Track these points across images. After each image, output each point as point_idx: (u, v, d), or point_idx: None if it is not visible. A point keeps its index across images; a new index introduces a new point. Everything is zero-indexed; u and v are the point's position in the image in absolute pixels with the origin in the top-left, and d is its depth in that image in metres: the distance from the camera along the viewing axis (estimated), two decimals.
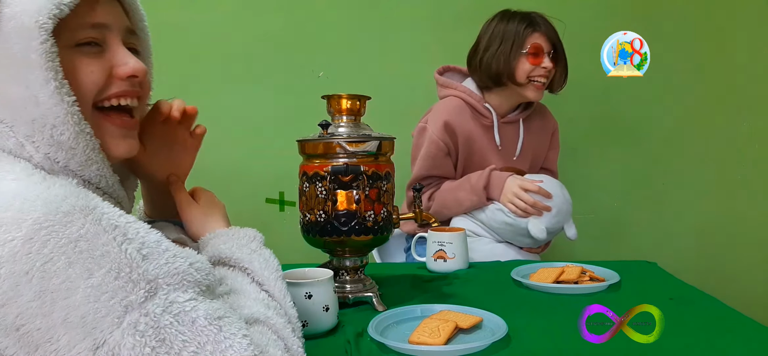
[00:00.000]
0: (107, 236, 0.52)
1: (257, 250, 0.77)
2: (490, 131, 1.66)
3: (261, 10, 2.20)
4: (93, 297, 0.49)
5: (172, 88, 2.38)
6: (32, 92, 0.59)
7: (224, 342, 0.54)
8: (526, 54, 1.59)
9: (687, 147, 2.27)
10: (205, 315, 0.54)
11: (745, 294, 2.13)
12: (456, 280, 1.27)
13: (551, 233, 1.54)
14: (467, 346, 0.83)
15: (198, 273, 0.57)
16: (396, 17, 2.20)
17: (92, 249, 0.50)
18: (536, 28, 1.61)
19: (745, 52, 2.25)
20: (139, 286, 0.51)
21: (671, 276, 1.28)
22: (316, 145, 1.05)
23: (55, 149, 0.61)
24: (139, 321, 0.50)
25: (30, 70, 0.58)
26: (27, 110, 0.59)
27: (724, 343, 0.88)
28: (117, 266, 0.51)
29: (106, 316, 0.49)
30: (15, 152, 0.60)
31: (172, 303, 0.53)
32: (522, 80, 1.61)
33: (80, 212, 0.52)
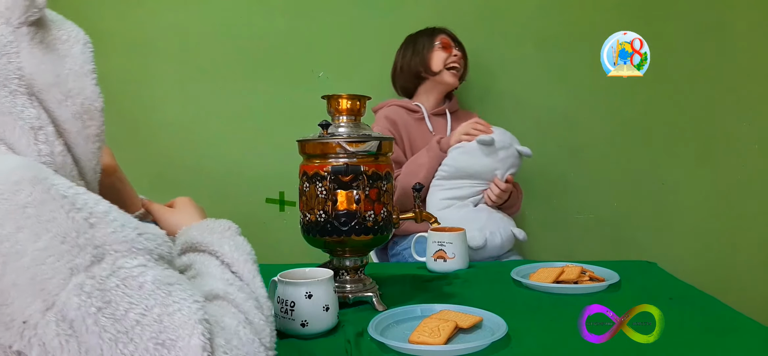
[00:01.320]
0: (55, 204, 0.53)
1: (228, 235, 0.77)
2: (422, 122, 1.95)
3: (261, 11, 2.20)
4: (40, 259, 0.51)
5: (173, 88, 2.40)
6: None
7: (173, 306, 0.55)
8: (437, 47, 1.92)
9: (687, 147, 2.27)
10: (154, 280, 0.55)
11: (745, 294, 2.13)
12: (456, 280, 1.27)
13: (500, 144, 1.70)
14: (467, 346, 0.83)
15: (148, 241, 0.58)
16: (396, 17, 2.20)
17: (39, 215, 0.52)
18: (440, 31, 1.96)
19: (745, 52, 2.24)
20: (86, 251, 0.53)
21: (671, 276, 1.28)
22: (316, 145, 1.05)
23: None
24: (85, 283, 0.52)
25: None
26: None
27: (724, 343, 0.88)
28: (63, 231, 0.53)
29: (53, 278, 0.51)
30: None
31: (120, 268, 0.54)
32: (438, 68, 1.92)
33: (29, 181, 0.53)
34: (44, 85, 0.62)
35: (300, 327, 0.92)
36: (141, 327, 0.53)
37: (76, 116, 0.64)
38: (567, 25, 2.22)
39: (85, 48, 0.68)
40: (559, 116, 2.25)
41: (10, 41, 0.61)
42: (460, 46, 1.97)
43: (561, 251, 2.22)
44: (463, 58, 1.98)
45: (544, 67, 2.23)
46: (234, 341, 0.60)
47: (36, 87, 0.62)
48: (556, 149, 2.25)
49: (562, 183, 2.26)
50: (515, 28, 2.23)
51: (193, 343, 0.54)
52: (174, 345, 0.54)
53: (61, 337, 0.51)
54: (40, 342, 0.51)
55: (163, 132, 2.24)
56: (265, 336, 0.66)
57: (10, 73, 0.61)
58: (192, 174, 2.22)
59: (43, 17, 0.64)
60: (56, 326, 0.51)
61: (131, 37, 2.20)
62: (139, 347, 0.53)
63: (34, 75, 0.62)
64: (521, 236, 1.72)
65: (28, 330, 0.51)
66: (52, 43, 0.64)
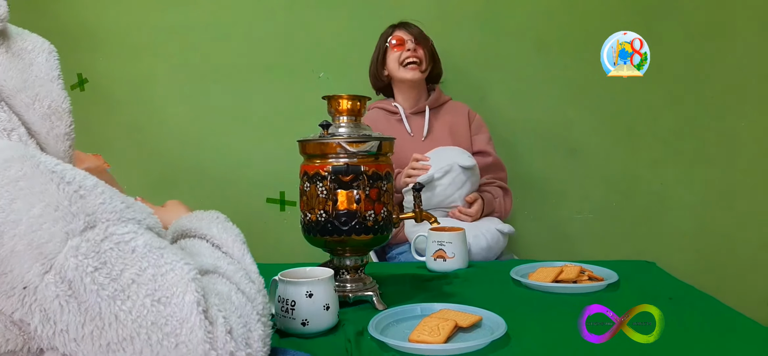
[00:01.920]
0: (45, 177, 0.56)
1: (217, 222, 0.78)
2: (401, 123, 1.93)
3: (262, 11, 2.20)
4: (36, 225, 0.53)
5: (173, 88, 2.40)
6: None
7: (165, 266, 0.57)
8: (389, 47, 1.92)
9: (687, 147, 2.27)
10: (144, 244, 0.58)
11: (745, 294, 2.13)
12: (456, 279, 1.27)
13: (440, 173, 1.70)
14: (467, 345, 0.83)
15: (136, 213, 0.61)
16: (396, 18, 2.20)
17: (32, 187, 0.55)
18: (396, 28, 1.95)
19: (744, 52, 2.25)
20: (79, 218, 0.55)
21: (671, 276, 1.28)
22: (316, 145, 1.06)
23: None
24: (81, 245, 0.54)
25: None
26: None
27: (724, 343, 0.88)
28: (55, 200, 0.55)
29: (49, 241, 0.53)
30: None
31: (112, 234, 0.57)
32: (394, 69, 1.91)
33: (18, 159, 0.56)
34: (12, 91, 0.64)
35: (300, 326, 0.92)
36: (137, 285, 0.56)
37: (44, 117, 0.66)
38: (567, 26, 2.23)
39: (49, 56, 0.70)
40: (558, 116, 2.25)
41: None
42: (417, 38, 1.91)
43: (561, 251, 2.22)
44: (424, 48, 1.91)
45: (543, 67, 2.24)
46: (227, 303, 0.62)
47: (4, 93, 0.64)
48: (556, 149, 2.25)
49: (562, 183, 2.26)
50: (515, 28, 2.23)
51: (187, 299, 0.57)
52: (169, 302, 0.56)
53: (60, 298, 0.53)
54: (40, 307, 0.53)
55: (163, 132, 2.24)
56: (257, 303, 0.67)
57: None
58: (192, 174, 2.22)
59: (6, 30, 0.67)
60: (55, 287, 0.53)
61: (132, 37, 2.20)
62: (136, 304, 0.55)
63: (1, 82, 0.64)
64: (507, 229, 1.68)
65: (29, 295, 0.53)
66: (17, 53, 0.67)
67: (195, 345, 0.56)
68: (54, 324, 0.54)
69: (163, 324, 0.56)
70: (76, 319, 0.54)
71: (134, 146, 2.21)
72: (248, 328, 0.62)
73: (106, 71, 2.20)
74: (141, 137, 2.22)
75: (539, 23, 2.23)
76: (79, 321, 0.54)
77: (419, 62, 1.89)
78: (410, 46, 1.89)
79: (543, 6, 2.23)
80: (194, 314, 0.56)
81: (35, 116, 0.66)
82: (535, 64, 2.24)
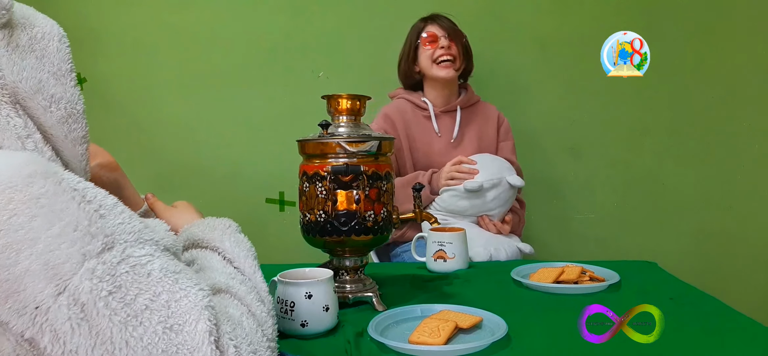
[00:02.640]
0: (67, 195, 0.55)
1: (229, 233, 0.78)
2: (429, 120, 1.86)
3: (261, 11, 2.20)
4: (53, 245, 0.53)
5: (173, 88, 2.39)
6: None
7: (179, 293, 0.57)
8: (422, 43, 1.84)
9: (687, 147, 2.27)
10: (161, 268, 0.57)
11: (745, 294, 2.13)
12: (456, 280, 1.27)
13: (489, 184, 1.68)
14: (467, 346, 0.83)
15: (154, 233, 0.61)
16: (396, 17, 2.20)
17: (52, 205, 0.54)
18: (430, 22, 1.86)
19: (745, 52, 2.24)
20: (97, 239, 0.55)
21: (671, 276, 1.28)
22: (316, 145, 1.05)
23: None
24: (97, 268, 0.54)
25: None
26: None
27: (724, 343, 0.88)
28: (75, 220, 0.54)
29: (66, 262, 0.53)
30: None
31: (129, 256, 0.56)
32: (426, 65, 1.83)
33: (41, 175, 0.55)
34: (28, 94, 0.63)
35: (300, 327, 0.92)
36: (150, 311, 0.55)
37: (61, 121, 0.65)
38: (567, 25, 2.22)
39: (61, 44, 0.67)
40: (559, 116, 2.25)
41: None
42: (451, 34, 1.82)
43: (561, 251, 2.22)
44: (458, 46, 1.83)
45: (544, 67, 2.23)
46: (238, 329, 0.62)
47: (20, 95, 0.62)
48: (556, 149, 2.25)
49: (562, 183, 2.26)
50: (515, 28, 2.23)
51: (200, 328, 0.56)
52: (182, 330, 0.55)
53: (72, 321, 0.53)
54: (51, 327, 0.53)
55: (163, 132, 2.24)
56: (267, 327, 0.67)
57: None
58: (192, 174, 2.22)
59: (13, 18, 0.63)
60: (68, 310, 0.53)
61: (132, 38, 2.20)
62: (148, 330, 0.54)
63: (16, 83, 0.62)
64: (527, 249, 1.69)
65: (40, 315, 0.52)
66: (28, 45, 0.64)
67: None
68: (63, 345, 0.53)
69: (173, 352, 0.55)
70: (86, 342, 0.53)
71: (134, 146, 2.20)
72: (257, 355, 0.62)
73: (106, 71, 2.19)
74: (141, 137, 2.22)
75: (539, 23, 2.23)
76: (89, 344, 0.53)
77: (453, 60, 1.81)
78: (444, 43, 1.80)
79: (543, 6, 2.23)
80: (206, 343, 0.56)
81: (52, 119, 0.65)
82: (535, 63, 2.24)
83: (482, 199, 1.69)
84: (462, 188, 1.67)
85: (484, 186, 1.66)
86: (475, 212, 1.72)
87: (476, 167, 1.70)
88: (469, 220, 1.74)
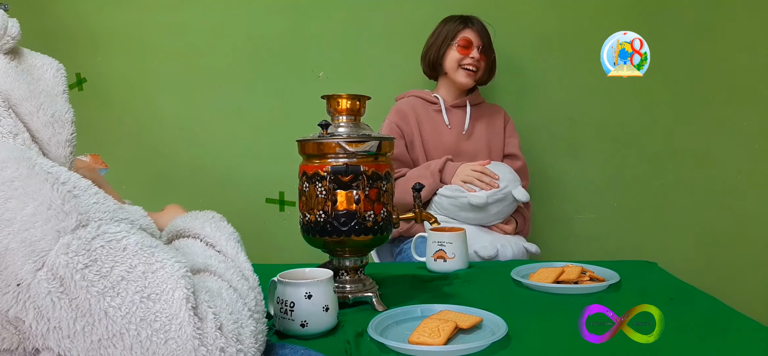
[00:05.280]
0: (40, 177, 0.58)
1: (210, 220, 0.79)
2: (440, 114, 1.91)
3: (261, 11, 2.20)
4: (29, 223, 0.55)
5: (173, 88, 2.39)
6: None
7: (156, 264, 0.59)
8: (455, 45, 1.86)
9: (687, 147, 2.27)
10: (136, 242, 0.60)
11: (745, 294, 2.13)
12: (456, 280, 1.27)
13: (493, 200, 1.67)
14: (467, 346, 0.83)
15: (129, 214, 0.63)
16: (396, 17, 2.20)
17: (26, 187, 0.57)
18: (468, 26, 1.88)
19: (745, 52, 2.24)
20: (71, 216, 0.57)
21: (671, 276, 1.28)
22: (315, 145, 1.05)
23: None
24: (72, 243, 0.56)
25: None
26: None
27: (724, 343, 0.88)
28: (48, 199, 0.57)
29: (42, 239, 0.55)
30: None
31: (104, 232, 0.58)
32: (451, 66, 1.87)
33: (14, 160, 0.58)
34: (19, 99, 0.68)
35: (300, 327, 0.92)
36: (126, 281, 0.57)
37: (47, 124, 0.69)
38: (567, 25, 2.22)
39: (57, 73, 0.74)
40: (559, 116, 2.25)
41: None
42: (484, 46, 1.88)
43: (561, 251, 2.22)
44: (485, 59, 1.89)
45: (544, 67, 2.23)
46: (217, 300, 0.63)
47: (12, 100, 0.67)
48: (556, 149, 2.25)
49: (562, 183, 2.26)
50: (515, 28, 2.22)
51: (176, 295, 0.58)
52: (159, 298, 0.58)
53: (52, 294, 0.55)
54: (34, 304, 0.55)
55: (163, 132, 2.24)
56: (249, 300, 0.68)
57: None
58: (192, 174, 2.22)
59: (18, 49, 0.72)
60: (47, 284, 0.55)
61: (131, 37, 2.20)
62: (125, 300, 0.57)
63: (9, 91, 0.67)
64: (534, 249, 1.70)
65: (22, 292, 0.55)
66: (26, 68, 0.71)
67: (184, 341, 0.57)
68: (47, 321, 0.55)
69: (152, 320, 0.57)
70: (68, 315, 0.56)
71: (133, 146, 2.20)
72: (239, 324, 0.63)
73: (106, 71, 2.19)
74: (140, 137, 2.22)
75: (539, 23, 2.23)
76: (71, 317, 0.56)
77: (477, 71, 1.88)
78: (475, 54, 1.85)
79: (543, 6, 2.23)
80: (183, 310, 0.58)
81: (39, 123, 0.69)
82: (535, 63, 2.23)
83: (485, 213, 1.70)
84: (466, 200, 1.66)
85: (488, 201, 1.66)
86: (476, 223, 1.73)
87: (498, 183, 1.69)
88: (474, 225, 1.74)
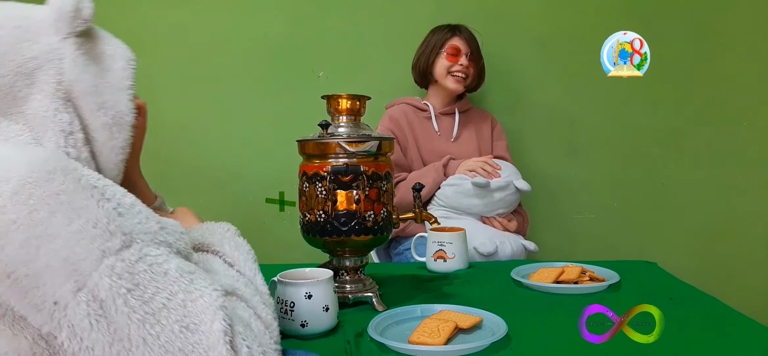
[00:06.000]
0: (86, 193, 0.56)
1: (228, 237, 0.79)
2: (430, 121, 1.95)
3: (261, 11, 2.20)
4: (73, 241, 0.54)
5: (172, 88, 2.39)
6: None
7: (195, 293, 0.58)
8: (444, 53, 1.91)
9: (687, 147, 2.27)
10: (176, 268, 0.59)
11: (746, 294, 2.13)
12: (456, 280, 1.27)
13: (496, 185, 1.71)
14: (467, 346, 0.83)
15: (169, 235, 0.62)
16: (396, 17, 2.20)
17: (72, 202, 0.55)
18: (456, 34, 1.93)
19: (744, 52, 2.24)
20: (116, 236, 0.56)
21: (671, 276, 1.28)
22: (316, 145, 1.05)
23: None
24: (116, 265, 0.55)
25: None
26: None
27: (724, 343, 0.88)
28: (95, 217, 0.55)
29: (86, 259, 0.54)
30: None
31: (146, 255, 0.57)
32: (440, 73, 1.92)
33: (61, 171, 0.56)
34: (81, 93, 0.66)
35: (300, 327, 0.92)
36: (167, 310, 0.56)
37: (106, 126, 0.68)
38: (567, 25, 2.22)
39: (127, 65, 0.72)
40: (559, 116, 2.25)
41: (56, 49, 0.66)
42: (472, 53, 1.92)
43: (561, 251, 2.22)
44: (474, 66, 1.93)
45: (544, 67, 2.23)
46: (248, 331, 0.62)
47: (73, 94, 0.66)
48: (556, 149, 2.25)
49: (562, 183, 2.26)
50: (515, 28, 2.22)
51: (215, 328, 0.57)
52: (197, 329, 0.56)
53: (90, 317, 0.54)
54: (69, 323, 0.53)
55: (162, 132, 2.23)
56: (273, 329, 0.68)
57: (51, 78, 0.65)
58: (192, 174, 2.22)
59: (91, 30, 0.70)
60: (87, 306, 0.53)
61: (131, 37, 2.18)
62: (164, 329, 0.55)
63: (73, 82, 0.66)
64: (532, 247, 1.72)
65: (59, 311, 0.53)
66: (96, 56, 0.69)
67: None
68: (80, 341, 0.54)
69: (189, 351, 0.56)
70: (104, 339, 0.54)
71: None
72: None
73: None
74: None
75: (540, 23, 2.23)
76: (107, 340, 0.54)
77: (466, 77, 1.92)
78: (464, 61, 1.90)
79: (544, 6, 2.23)
80: (221, 343, 0.56)
81: (98, 123, 0.67)
82: (535, 63, 2.23)
83: (488, 198, 1.71)
84: (470, 185, 1.69)
85: (491, 185, 1.69)
86: (479, 211, 1.74)
87: (500, 172, 1.73)
88: (475, 217, 1.75)
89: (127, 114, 0.70)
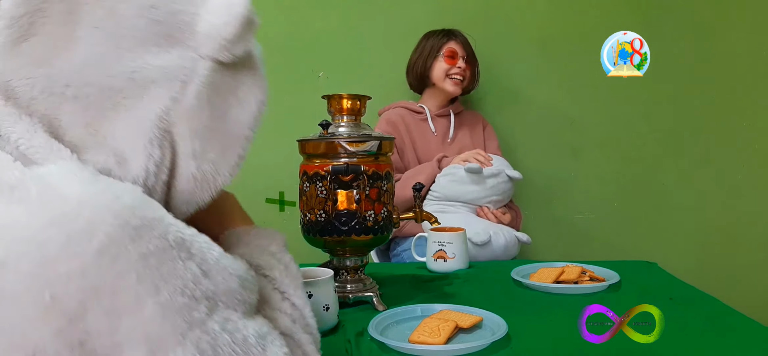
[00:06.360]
0: (173, 252, 0.50)
1: (277, 255, 0.75)
2: (426, 122, 1.99)
3: (261, 11, 2.19)
4: (160, 313, 0.48)
5: None
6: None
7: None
8: (442, 56, 1.95)
9: (687, 147, 2.27)
10: (254, 333, 0.54)
11: (746, 294, 2.13)
12: (456, 280, 1.27)
13: (488, 172, 1.76)
14: (467, 346, 0.83)
15: (247, 292, 0.57)
16: (396, 17, 2.20)
17: (160, 265, 0.49)
18: (452, 38, 1.98)
19: (744, 52, 2.25)
20: (201, 303, 0.50)
21: (671, 276, 1.28)
22: (316, 144, 1.05)
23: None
24: (201, 339, 0.50)
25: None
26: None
27: (724, 343, 0.88)
28: (182, 282, 0.50)
29: (172, 334, 0.48)
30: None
31: (228, 320, 0.52)
32: (438, 76, 1.96)
33: (149, 226, 0.49)
34: (186, 134, 0.57)
35: None
36: None
37: (196, 180, 0.60)
38: (567, 25, 2.22)
39: (256, 113, 0.65)
40: (559, 116, 2.25)
41: (185, 68, 0.56)
42: (468, 56, 1.98)
43: (561, 251, 2.22)
44: (470, 68, 1.99)
45: (544, 67, 2.23)
46: None
47: (177, 126, 0.57)
48: (556, 149, 2.25)
49: (562, 183, 2.26)
50: (515, 28, 2.23)
51: None
52: None
53: None
54: None
55: None
56: None
57: (162, 100, 0.55)
58: None
59: (236, 64, 0.60)
60: None
61: None
62: None
63: (182, 115, 0.56)
64: (525, 239, 1.73)
65: None
66: (223, 94, 0.60)
67: None
68: None
69: None
70: None
71: None
72: None
73: None
74: None
75: (540, 23, 2.23)
76: None
77: (463, 79, 1.97)
78: (461, 64, 1.95)
79: (543, 5, 2.23)
80: None
81: (188, 172, 0.59)
82: (535, 63, 2.24)
83: (481, 185, 1.75)
84: (463, 170, 1.73)
85: (484, 172, 1.74)
86: (472, 198, 1.77)
87: (492, 162, 1.79)
88: (469, 209, 1.78)
89: (230, 174, 0.63)
